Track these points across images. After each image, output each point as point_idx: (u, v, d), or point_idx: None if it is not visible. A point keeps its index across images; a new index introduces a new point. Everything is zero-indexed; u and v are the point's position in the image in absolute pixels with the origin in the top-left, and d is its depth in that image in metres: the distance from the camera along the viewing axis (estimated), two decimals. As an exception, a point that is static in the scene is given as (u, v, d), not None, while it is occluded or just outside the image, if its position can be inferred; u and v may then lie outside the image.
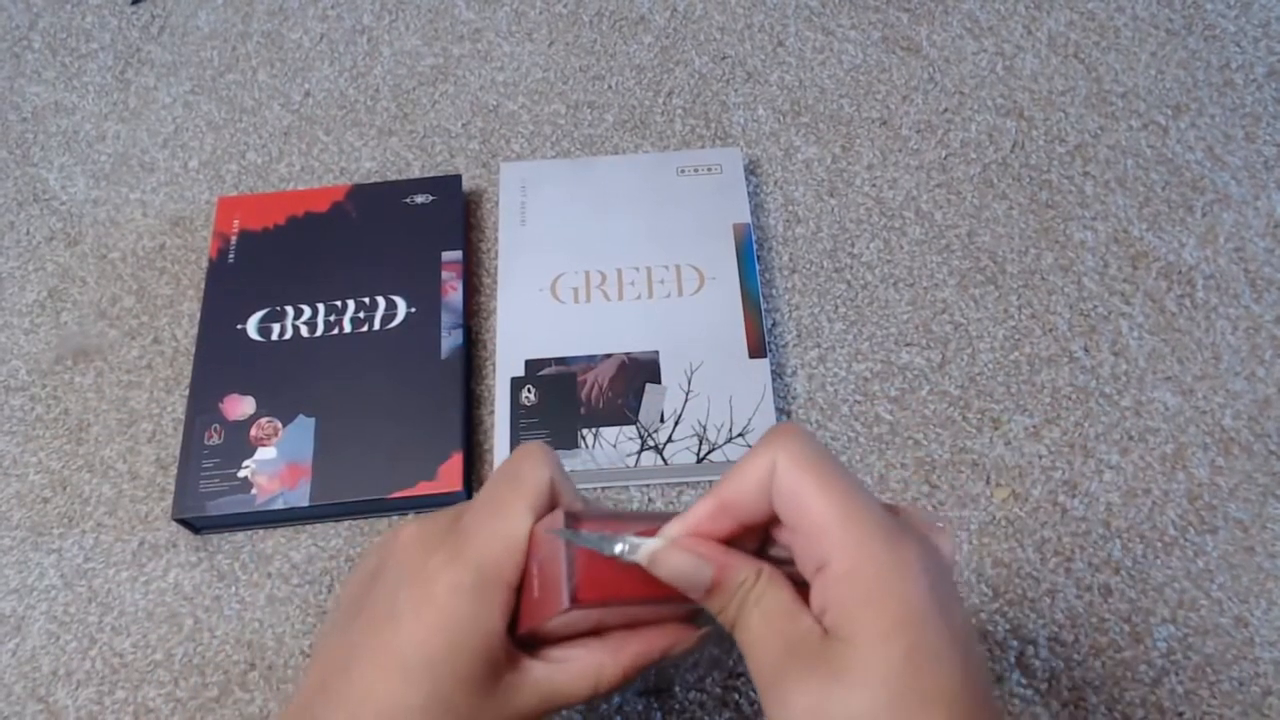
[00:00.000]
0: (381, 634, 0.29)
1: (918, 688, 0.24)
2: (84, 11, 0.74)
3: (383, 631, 0.29)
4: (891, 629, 0.25)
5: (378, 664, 0.28)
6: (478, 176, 0.65)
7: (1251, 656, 0.49)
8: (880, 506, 0.27)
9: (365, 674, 0.28)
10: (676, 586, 0.29)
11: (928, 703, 0.24)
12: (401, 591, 0.29)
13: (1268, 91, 0.66)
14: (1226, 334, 0.57)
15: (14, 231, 0.65)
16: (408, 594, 0.29)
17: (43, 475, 0.56)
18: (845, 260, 0.61)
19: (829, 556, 0.26)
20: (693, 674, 0.49)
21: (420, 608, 0.29)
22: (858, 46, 0.69)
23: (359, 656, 0.29)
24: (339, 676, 0.29)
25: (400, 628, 0.29)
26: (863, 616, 0.25)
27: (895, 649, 0.25)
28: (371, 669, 0.28)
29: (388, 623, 0.29)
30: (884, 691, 0.24)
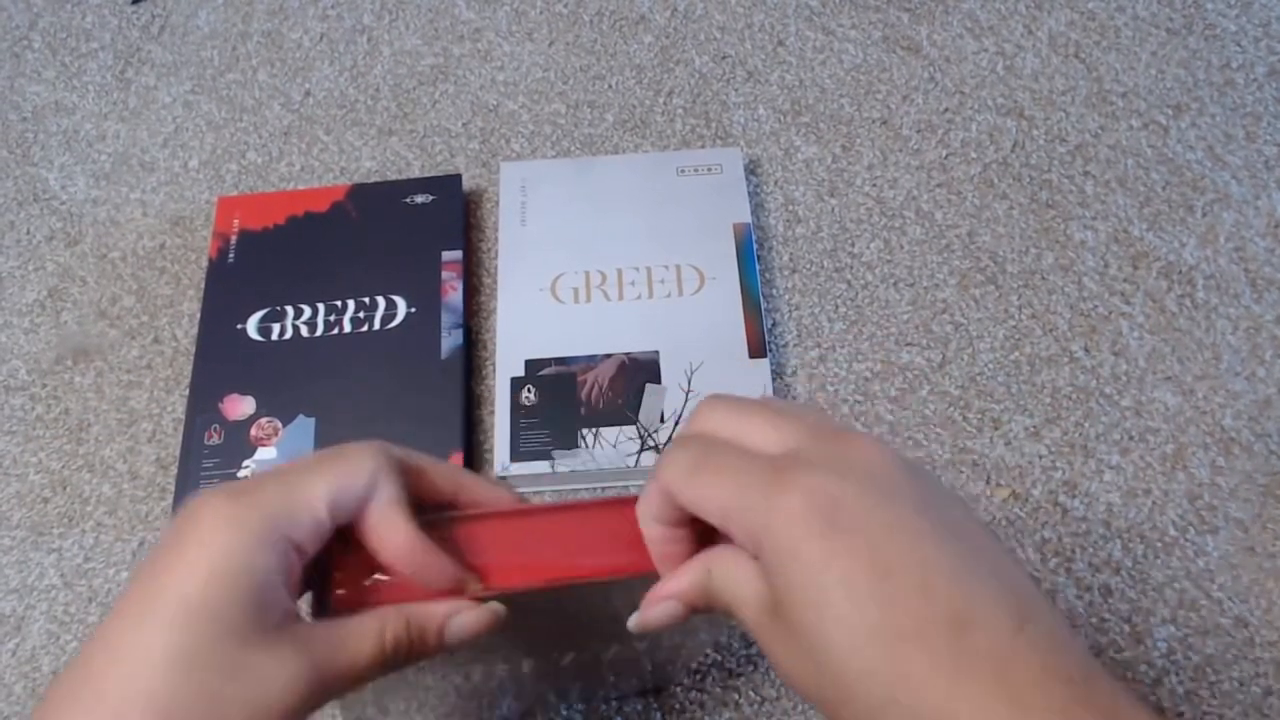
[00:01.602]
0: (139, 581, 0.26)
1: (870, 625, 0.24)
2: (84, 11, 0.74)
3: (140, 578, 0.26)
4: (802, 588, 0.24)
5: (129, 615, 0.26)
6: (478, 176, 0.65)
7: (1252, 656, 0.49)
8: (759, 468, 0.26)
9: (114, 627, 0.26)
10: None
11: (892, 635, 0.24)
12: (170, 537, 0.26)
13: (1268, 91, 0.66)
14: (1227, 334, 0.57)
15: (14, 231, 0.65)
16: (175, 538, 0.26)
17: (43, 475, 0.56)
18: (845, 260, 0.61)
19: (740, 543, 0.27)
20: (694, 660, 0.49)
21: (184, 546, 0.26)
22: (858, 46, 0.69)
23: (114, 612, 0.26)
24: (92, 641, 0.26)
25: (158, 572, 0.26)
26: (779, 586, 0.25)
27: (816, 607, 0.24)
28: (121, 621, 0.26)
29: (147, 568, 0.26)
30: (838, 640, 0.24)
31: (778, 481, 0.25)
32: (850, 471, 0.25)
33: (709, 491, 0.27)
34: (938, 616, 0.23)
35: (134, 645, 0.25)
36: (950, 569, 0.24)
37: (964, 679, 0.23)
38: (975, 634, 0.23)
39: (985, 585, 0.24)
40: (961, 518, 0.26)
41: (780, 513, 0.25)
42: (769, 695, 0.49)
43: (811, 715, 0.48)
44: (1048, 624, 0.24)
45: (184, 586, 0.25)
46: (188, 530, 0.26)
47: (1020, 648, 0.23)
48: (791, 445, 0.27)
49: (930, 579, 0.24)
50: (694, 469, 0.27)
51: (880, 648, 0.23)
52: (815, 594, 0.24)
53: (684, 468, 0.28)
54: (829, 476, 0.25)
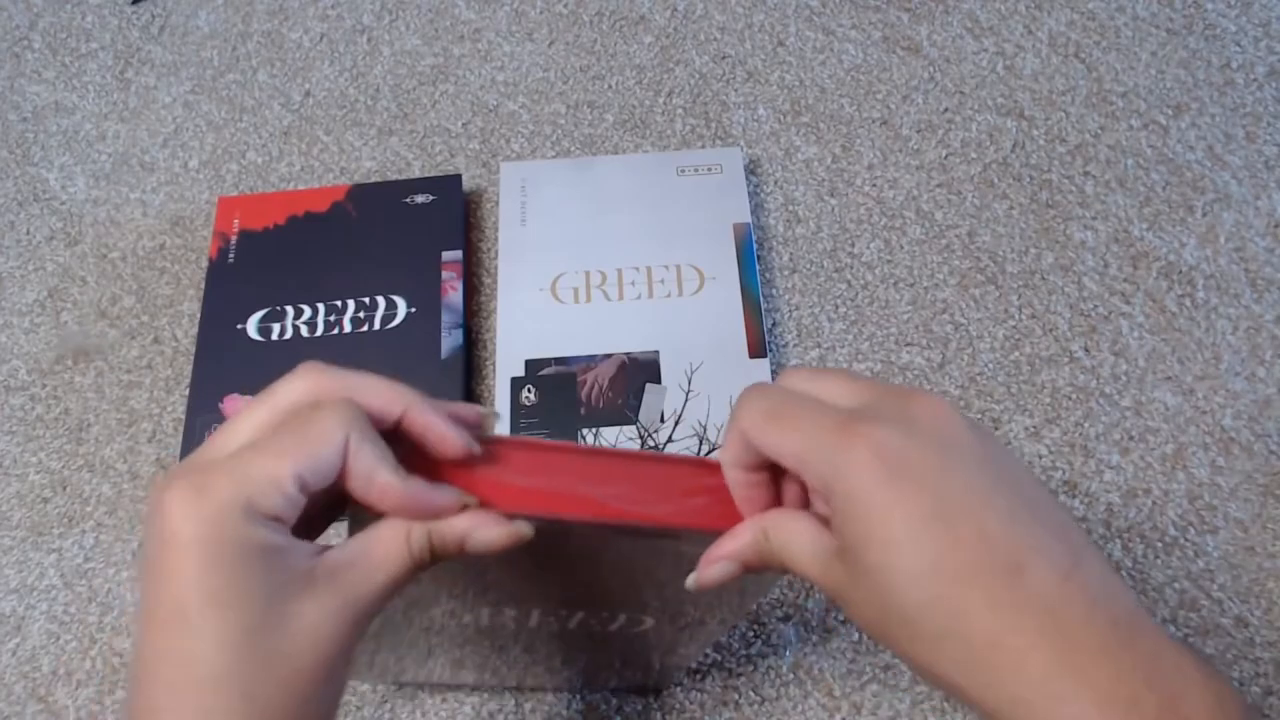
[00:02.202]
0: (146, 599, 0.26)
1: (946, 566, 0.25)
2: (84, 11, 0.74)
3: (146, 595, 0.26)
4: (869, 530, 0.26)
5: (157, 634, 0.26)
6: (478, 176, 0.65)
7: (1252, 656, 0.49)
8: (832, 418, 0.27)
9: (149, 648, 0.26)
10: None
11: (951, 575, 0.25)
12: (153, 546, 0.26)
13: (1268, 91, 0.66)
14: (1227, 334, 0.57)
15: (14, 231, 0.65)
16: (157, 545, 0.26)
17: (43, 475, 0.56)
18: (845, 260, 0.61)
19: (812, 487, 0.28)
20: (694, 658, 0.49)
21: (167, 552, 0.25)
22: (858, 46, 0.69)
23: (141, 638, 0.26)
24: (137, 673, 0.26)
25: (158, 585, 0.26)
26: (847, 529, 0.27)
27: (882, 547, 0.26)
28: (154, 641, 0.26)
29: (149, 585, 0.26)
30: (908, 585, 0.26)
31: (849, 431, 0.27)
32: (916, 427, 0.27)
33: (785, 438, 0.28)
34: (994, 561, 0.25)
35: (178, 655, 0.25)
36: (1006, 518, 0.26)
37: (1016, 617, 0.25)
38: (1028, 577, 0.25)
39: (1038, 533, 0.26)
40: (1018, 472, 0.27)
41: (851, 462, 0.26)
42: (769, 695, 0.49)
43: (810, 716, 0.48)
44: (1098, 571, 0.26)
45: (186, 592, 0.25)
46: (165, 534, 0.26)
47: (1070, 591, 0.25)
48: (864, 400, 0.29)
49: (987, 526, 0.25)
50: (771, 415, 0.28)
51: (939, 586, 0.25)
52: (881, 535, 0.26)
53: (762, 414, 0.29)
54: (897, 430, 0.26)
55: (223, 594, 0.25)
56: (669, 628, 0.39)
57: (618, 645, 0.41)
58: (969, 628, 0.25)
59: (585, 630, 0.39)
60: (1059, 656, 0.24)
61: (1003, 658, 0.25)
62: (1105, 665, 0.24)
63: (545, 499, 0.29)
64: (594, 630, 0.39)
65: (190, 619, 0.25)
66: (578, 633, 0.39)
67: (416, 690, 0.49)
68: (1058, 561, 0.25)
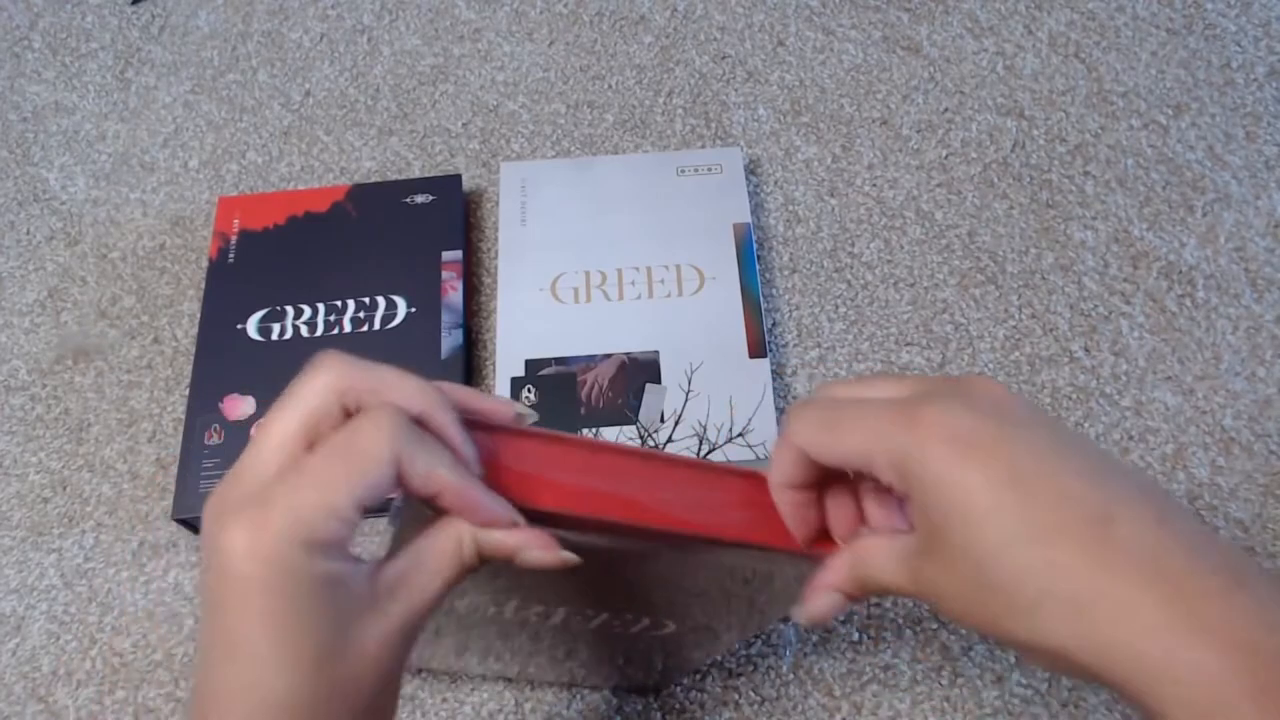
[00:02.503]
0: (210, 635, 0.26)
1: (1025, 533, 0.25)
2: (84, 11, 0.74)
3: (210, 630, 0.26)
4: (950, 506, 0.26)
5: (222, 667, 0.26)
6: (478, 176, 0.65)
7: (1252, 657, 0.49)
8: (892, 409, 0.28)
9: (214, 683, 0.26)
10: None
11: (1039, 534, 0.25)
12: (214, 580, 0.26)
13: (1268, 91, 0.66)
14: (1227, 334, 0.57)
15: (14, 231, 0.65)
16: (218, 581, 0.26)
17: (43, 475, 0.56)
18: (845, 260, 0.61)
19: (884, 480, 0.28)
20: (704, 663, 0.49)
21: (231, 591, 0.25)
22: (858, 46, 0.69)
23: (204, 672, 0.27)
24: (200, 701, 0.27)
25: (227, 624, 0.26)
26: (928, 512, 0.27)
27: (964, 520, 0.26)
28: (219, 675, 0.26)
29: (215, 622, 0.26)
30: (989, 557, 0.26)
31: (913, 416, 0.27)
32: (977, 403, 0.27)
33: (850, 439, 0.28)
34: (1082, 514, 0.25)
35: (245, 685, 0.25)
36: (1085, 474, 0.26)
37: (1115, 567, 0.24)
38: (1119, 528, 0.24)
39: (1122, 486, 0.26)
40: (1082, 438, 0.28)
41: (921, 442, 0.26)
42: (769, 695, 0.49)
43: (811, 716, 0.48)
44: (1189, 518, 0.25)
45: (252, 627, 0.25)
46: (228, 574, 0.25)
47: (1166, 538, 0.24)
48: (916, 390, 0.29)
49: (1067, 483, 0.25)
50: (828, 423, 0.29)
51: (1029, 546, 0.25)
52: (963, 511, 0.26)
53: (817, 424, 0.29)
54: (958, 407, 0.27)
55: (290, 628, 0.25)
56: (688, 635, 0.39)
57: (630, 646, 0.41)
58: (1069, 585, 0.24)
59: (605, 631, 0.39)
60: (1168, 603, 0.23)
61: (1109, 611, 0.24)
62: (1219, 609, 0.23)
63: (597, 500, 0.29)
64: (614, 632, 0.39)
65: (258, 652, 0.25)
66: (597, 632, 0.39)
67: (416, 690, 0.49)
68: (1146, 511, 0.25)
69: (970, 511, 0.26)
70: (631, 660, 0.44)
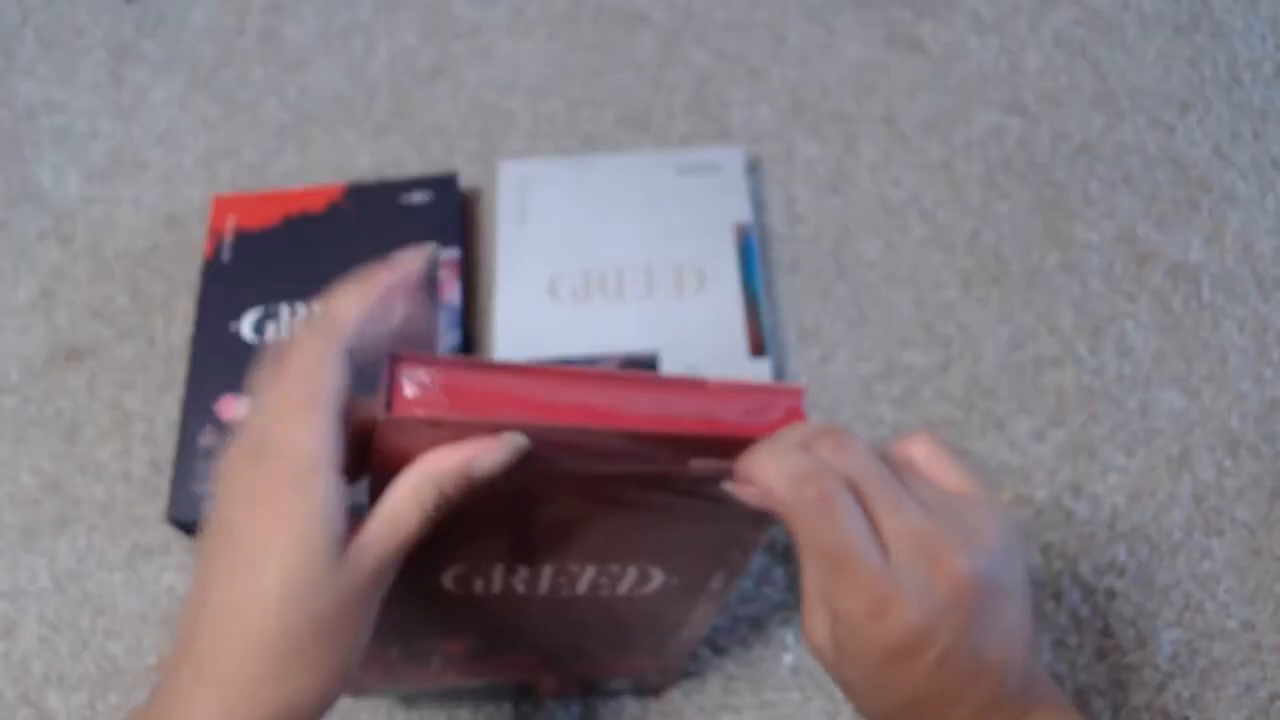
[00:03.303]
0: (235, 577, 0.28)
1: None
2: (77, 7, 0.74)
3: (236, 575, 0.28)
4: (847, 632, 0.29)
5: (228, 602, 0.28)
6: (476, 175, 0.65)
7: (1258, 660, 0.48)
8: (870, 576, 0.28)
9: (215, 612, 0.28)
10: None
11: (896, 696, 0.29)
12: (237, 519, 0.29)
13: (1275, 89, 0.65)
14: (1233, 334, 0.57)
15: (6, 230, 0.64)
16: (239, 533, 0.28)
17: (35, 477, 0.55)
18: (847, 260, 0.60)
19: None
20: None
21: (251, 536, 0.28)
22: (860, 44, 0.69)
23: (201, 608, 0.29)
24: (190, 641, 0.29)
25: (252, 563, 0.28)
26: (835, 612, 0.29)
27: (846, 644, 0.29)
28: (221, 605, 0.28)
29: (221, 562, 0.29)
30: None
31: (883, 604, 0.28)
32: (979, 560, 0.28)
33: (820, 531, 0.28)
34: (934, 692, 0.28)
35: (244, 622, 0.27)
36: (963, 662, 0.28)
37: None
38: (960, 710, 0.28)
39: (985, 679, 0.28)
40: (998, 605, 0.29)
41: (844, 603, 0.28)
42: (769, 699, 0.48)
43: (811, 719, 0.48)
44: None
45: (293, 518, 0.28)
46: (291, 460, 0.28)
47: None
48: (887, 543, 0.29)
49: (945, 660, 0.28)
50: (821, 512, 0.28)
51: (886, 703, 0.29)
52: (849, 637, 0.29)
53: (806, 507, 0.28)
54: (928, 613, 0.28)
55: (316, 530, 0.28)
56: (675, 590, 0.39)
57: (623, 619, 0.41)
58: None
59: (594, 596, 0.38)
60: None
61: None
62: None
63: (549, 410, 0.29)
64: (602, 595, 0.39)
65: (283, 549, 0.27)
66: (586, 601, 0.39)
67: (416, 697, 0.49)
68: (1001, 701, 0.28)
69: (853, 652, 0.28)
70: (630, 642, 0.43)
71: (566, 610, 0.40)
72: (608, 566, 0.37)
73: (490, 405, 0.29)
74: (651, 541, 0.36)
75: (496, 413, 0.29)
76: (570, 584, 0.38)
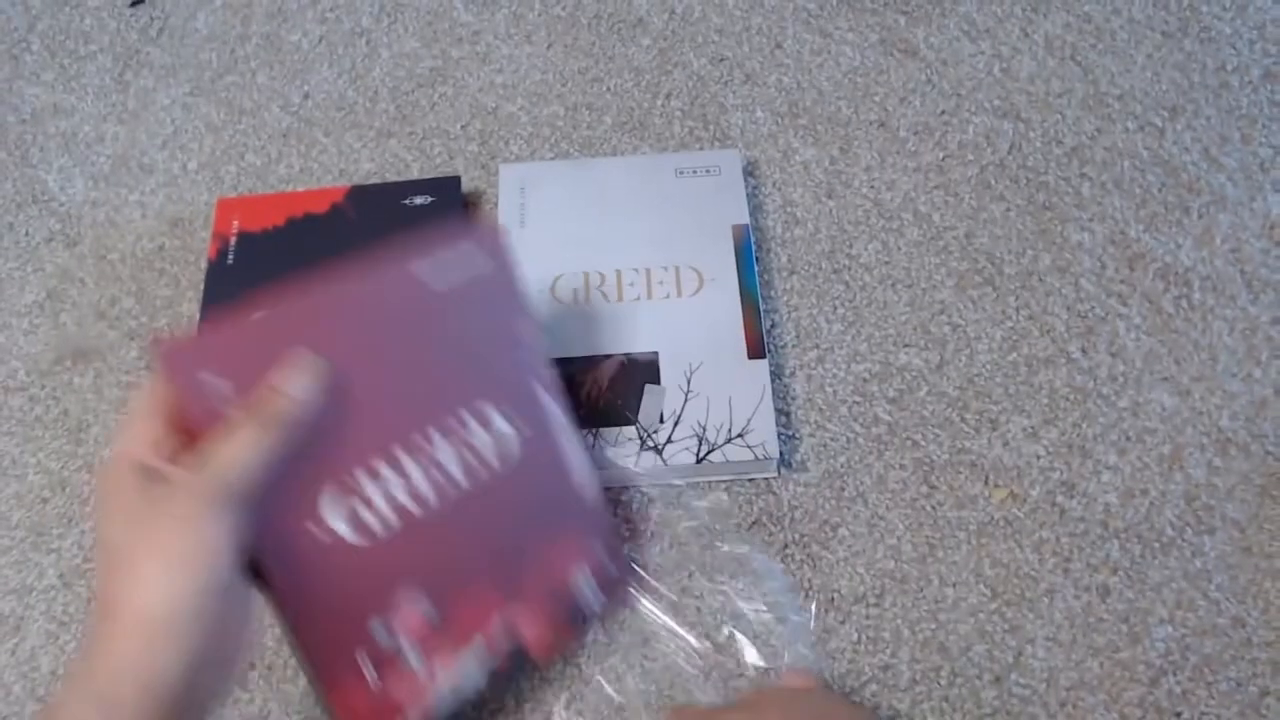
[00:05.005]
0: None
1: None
2: (83, 13, 0.75)
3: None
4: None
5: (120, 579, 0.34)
6: (477, 178, 0.65)
7: (1249, 657, 0.49)
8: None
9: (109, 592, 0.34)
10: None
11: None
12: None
13: (1263, 93, 0.66)
14: (1223, 335, 0.57)
15: (13, 233, 0.65)
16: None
17: (42, 476, 0.56)
18: (844, 261, 0.61)
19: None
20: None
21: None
22: (855, 49, 0.69)
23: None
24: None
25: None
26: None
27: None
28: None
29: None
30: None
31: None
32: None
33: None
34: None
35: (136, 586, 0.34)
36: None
37: None
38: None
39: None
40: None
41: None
42: (768, 695, 0.49)
43: (810, 715, 0.48)
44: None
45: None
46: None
47: None
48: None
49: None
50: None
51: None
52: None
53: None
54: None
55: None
56: (528, 437, 0.44)
57: (522, 498, 0.45)
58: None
59: (477, 483, 0.43)
60: None
61: None
62: None
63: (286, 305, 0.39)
64: (483, 479, 0.43)
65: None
66: (476, 496, 0.43)
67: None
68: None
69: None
70: (544, 519, 0.46)
71: (468, 514, 0.43)
72: (445, 422, 0.42)
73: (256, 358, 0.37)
74: (447, 371, 0.42)
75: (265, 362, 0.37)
76: (443, 474, 0.42)
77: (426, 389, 0.42)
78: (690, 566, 0.52)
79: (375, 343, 0.41)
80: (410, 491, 0.41)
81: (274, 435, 0.36)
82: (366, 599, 0.41)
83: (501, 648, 0.45)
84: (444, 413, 0.42)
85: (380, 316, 0.41)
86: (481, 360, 0.44)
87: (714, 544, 0.52)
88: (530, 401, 0.45)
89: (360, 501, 0.40)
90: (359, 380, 0.40)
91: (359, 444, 0.40)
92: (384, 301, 0.41)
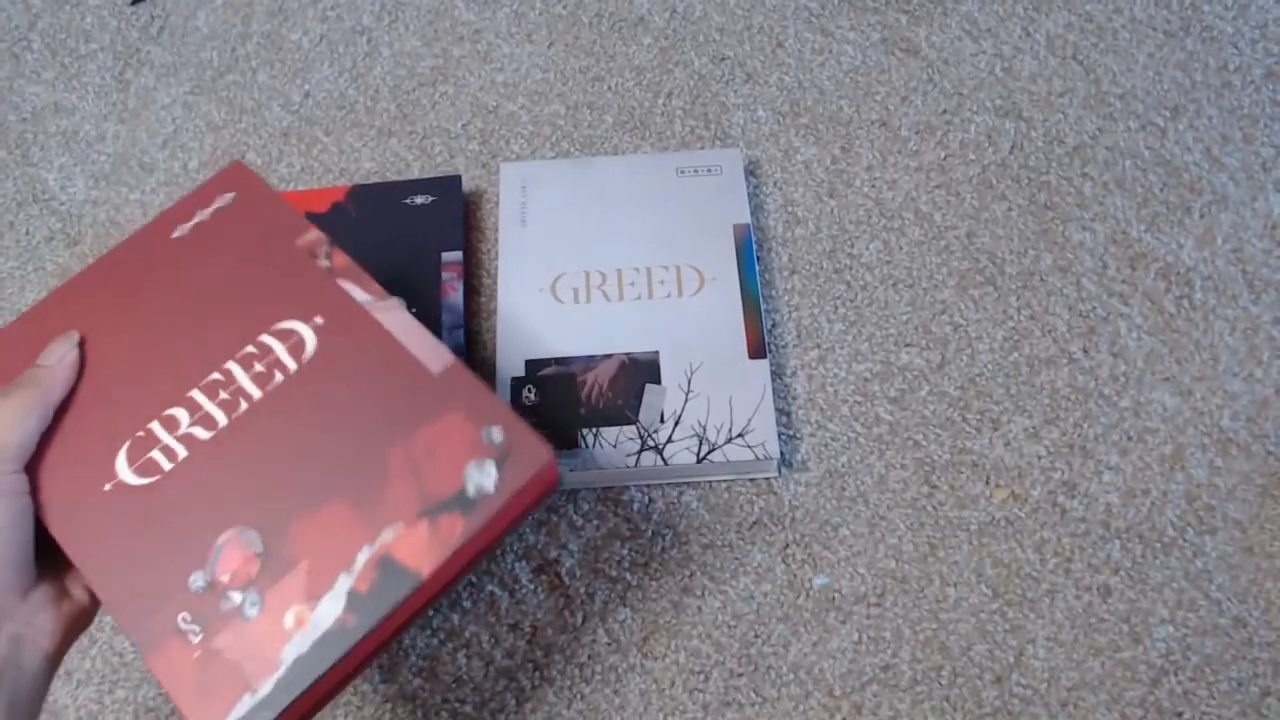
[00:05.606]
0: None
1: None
2: (83, 12, 0.74)
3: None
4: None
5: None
6: (478, 177, 0.65)
7: (1250, 657, 0.49)
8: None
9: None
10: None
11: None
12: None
13: (1265, 93, 0.66)
14: (1224, 335, 0.57)
15: (13, 232, 0.65)
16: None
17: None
18: (845, 261, 0.61)
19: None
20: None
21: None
22: (857, 48, 0.69)
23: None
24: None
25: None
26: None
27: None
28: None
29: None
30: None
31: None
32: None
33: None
34: None
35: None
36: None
37: None
38: None
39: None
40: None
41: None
42: (769, 695, 0.49)
43: (811, 716, 0.48)
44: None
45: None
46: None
47: None
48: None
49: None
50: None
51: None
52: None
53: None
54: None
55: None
56: (345, 336, 0.41)
57: (322, 403, 0.39)
58: None
59: (254, 379, 0.41)
60: None
61: None
62: None
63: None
64: (260, 373, 0.41)
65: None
66: (256, 402, 0.40)
67: (416, 690, 0.49)
68: None
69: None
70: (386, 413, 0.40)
71: (272, 426, 0.39)
72: (243, 353, 0.41)
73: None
74: (224, 306, 0.42)
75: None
76: (230, 392, 0.41)
77: (209, 329, 0.42)
78: (691, 566, 0.52)
79: (137, 304, 0.43)
80: (199, 419, 0.39)
81: (33, 394, 0.39)
82: (178, 551, 0.37)
83: (377, 576, 0.36)
84: (238, 345, 0.41)
85: (135, 279, 0.43)
86: (265, 283, 0.43)
87: (714, 544, 0.52)
88: (335, 302, 0.42)
89: (156, 449, 0.39)
90: (134, 343, 0.42)
91: (148, 401, 0.40)
92: (135, 263, 0.44)
